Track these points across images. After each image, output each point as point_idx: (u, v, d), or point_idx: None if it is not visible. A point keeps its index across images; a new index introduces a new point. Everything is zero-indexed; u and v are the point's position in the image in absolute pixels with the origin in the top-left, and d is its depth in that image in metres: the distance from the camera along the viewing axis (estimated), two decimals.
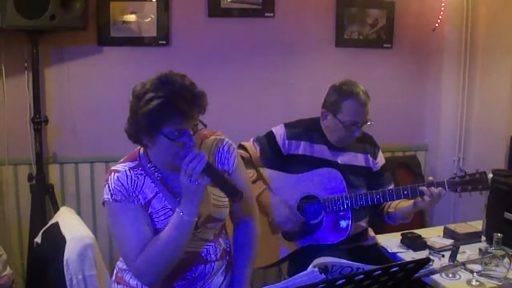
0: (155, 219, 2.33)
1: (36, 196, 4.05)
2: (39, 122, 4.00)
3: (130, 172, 2.34)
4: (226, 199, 2.45)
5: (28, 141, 4.12)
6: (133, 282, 2.43)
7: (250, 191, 2.65)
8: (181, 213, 2.20)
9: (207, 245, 2.45)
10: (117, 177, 2.32)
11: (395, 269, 1.75)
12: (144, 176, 2.35)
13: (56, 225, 3.11)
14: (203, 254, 2.43)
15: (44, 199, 4.06)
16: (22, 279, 4.21)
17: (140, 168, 2.37)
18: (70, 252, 2.82)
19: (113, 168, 2.38)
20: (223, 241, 2.56)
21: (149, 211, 2.33)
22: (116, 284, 2.52)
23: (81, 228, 3.05)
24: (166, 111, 2.14)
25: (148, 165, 2.38)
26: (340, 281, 1.62)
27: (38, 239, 3.24)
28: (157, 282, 2.30)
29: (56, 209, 3.90)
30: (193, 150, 2.17)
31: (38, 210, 4.03)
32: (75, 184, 4.40)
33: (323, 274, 1.67)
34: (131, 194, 2.31)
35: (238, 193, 2.25)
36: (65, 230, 3.00)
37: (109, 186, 2.31)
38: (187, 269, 2.39)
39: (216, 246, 2.48)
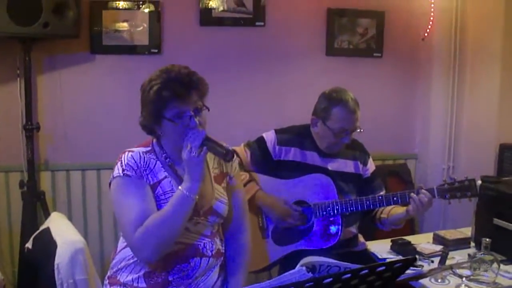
0: (162, 201, 2.40)
1: (28, 203, 4.05)
2: (31, 129, 4.01)
3: (143, 154, 2.44)
4: (225, 195, 2.57)
5: (20, 148, 4.13)
6: (128, 281, 2.44)
7: (245, 199, 2.76)
8: (183, 189, 2.29)
9: (204, 240, 2.49)
10: (131, 155, 2.42)
11: (382, 268, 1.77)
12: (156, 161, 2.45)
13: (47, 230, 3.11)
14: (200, 247, 2.46)
15: (35, 206, 4.07)
16: (13, 286, 4.20)
17: (153, 153, 2.47)
18: (61, 257, 2.80)
19: (127, 150, 2.47)
20: (219, 241, 2.59)
21: (156, 192, 2.41)
22: (109, 286, 2.52)
23: (72, 233, 3.04)
24: (163, 95, 2.30)
25: (160, 151, 2.47)
26: (328, 280, 1.63)
27: (29, 245, 3.23)
28: (153, 257, 2.33)
29: (47, 216, 3.88)
30: (194, 129, 2.32)
31: (29, 217, 4.02)
32: (67, 191, 4.40)
33: (310, 273, 1.68)
34: (142, 171, 2.40)
35: (229, 152, 2.37)
36: (56, 235, 2.99)
37: (121, 163, 2.40)
38: (184, 260, 2.42)
39: (212, 242, 2.52)
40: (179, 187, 2.32)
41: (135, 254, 2.39)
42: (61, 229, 3.13)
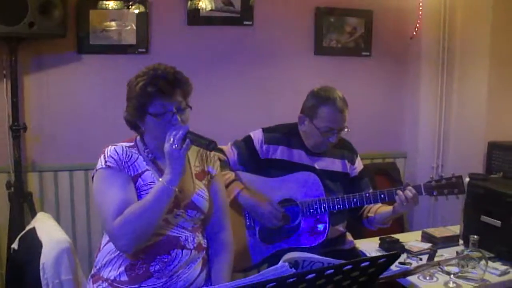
0: (142, 192, 2.46)
1: (15, 204, 4.02)
2: (17, 129, 3.99)
3: (125, 148, 2.52)
4: (206, 192, 2.61)
5: (6, 149, 4.10)
6: (111, 275, 2.46)
7: (227, 201, 2.82)
8: (164, 181, 2.33)
9: (185, 233, 2.52)
10: (114, 148, 2.50)
11: (365, 264, 1.76)
12: (138, 155, 2.52)
13: (33, 230, 3.08)
14: (181, 239, 2.49)
15: (22, 208, 4.04)
16: None
17: (135, 148, 2.55)
18: (46, 257, 2.78)
19: (110, 144, 2.54)
20: (200, 235, 2.61)
21: (137, 184, 2.46)
22: (92, 284, 2.53)
23: (57, 233, 3.01)
24: (148, 91, 2.37)
25: (143, 147, 2.54)
26: (311, 276, 1.62)
27: (15, 245, 3.20)
28: (130, 247, 2.36)
29: (34, 217, 3.87)
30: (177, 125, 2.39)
31: (17, 218, 4.00)
32: (54, 192, 4.38)
33: (293, 268, 1.67)
34: (123, 163, 2.46)
35: (212, 142, 2.38)
36: (41, 234, 2.97)
37: (104, 156, 2.47)
38: (165, 251, 2.44)
39: (193, 236, 2.55)
40: (160, 179, 2.37)
41: (114, 243, 2.41)
42: (47, 228, 3.10)
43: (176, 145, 2.31)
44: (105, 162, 2.44)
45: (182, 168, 2.34)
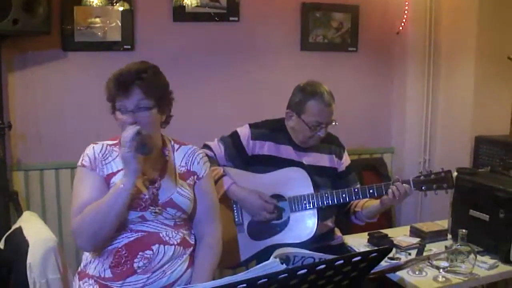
0: None
1: (0, 204, 3.97)
2: (2, 128, 3.94)
3: (107, 147, 2.54)
4: (190, 191, 2.60)
5: None
6: (96, 272, 2.48)
7: (215, 202, 2.78)
8: (120, 183, 2.35)
9: (166, 229, 2.52)
10: (93, 147, 2.53)
11: (357, 259, 1.75)
12: (117, 154, 2.52)
13: (19, 230, 3.07)
14: (161, 235, 2.49)
15: (8, 207, 4.00)
16: None
17: (117, 146, 2.55)
18: (33, 256, 2.78)
19: (95, 142, 2.58)
20: (186, 232, 2.62)
21: (110, 183, 2.47)
22: (78, 281, 2.54)
23: (44, 232, 3.01)
24: (111, 88, 2.43)
25: None
26: (302, 271, 1.60)
27: (1, 245, 3.19)
28: (88, 246, 2.44)
29: (20, 216, 3.83)
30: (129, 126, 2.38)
31: (2, 218, 3.95)
32: (40, 191, 4.33)
33: (284, 264, 1.66)
34: (97, 163, 2.48)
35: (144, 146, 2.34)
36: (28, 234, 2.97)
37: (84, 153, 2.52)
38: (145, 247, 2.45)
39: (176, 232, 2.55)
40: (118, 181, 2.39)
41: (75, 240, 2.45)
42: (33, 228, 3.10)
43: (125, 148, 2.31)
44: (82, 160, 2.50)
45: (134, 170, 2.34)
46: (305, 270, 1.61)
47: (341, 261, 1.70)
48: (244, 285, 1.51)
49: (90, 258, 2.52)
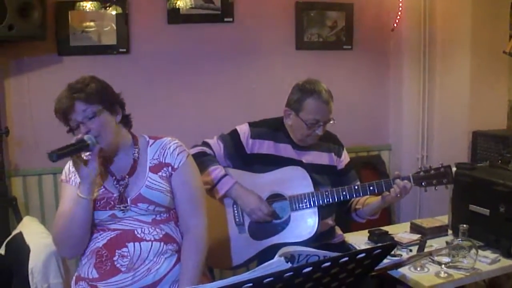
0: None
1: None
2: None
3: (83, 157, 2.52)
4: (163, 183, 2.59)
5: None
6: (84, 273, 2.53)
7: (196, 193, 2.72)
8: (77, 192, 2.43)
9: (142, 226, 2.53)
10: (69, 161, 2.58)
11: (361, 255, 1.75)
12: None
13: (20, 235, 3.06)
14: (135, 232, 2.51)
15: (7, 213, 3.99)
16: None
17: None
18: (34, 261, 2.77)
19: None
20: (167, 228, 2.60)
21: None
22: (74, 285, 2.58)
23: (45, 236, 2.99)
24: (60, 117, 2.53)
25: None
26: (307, 269, 1.60)
27: (1, 251, 3.18)
28: (69, 253, 2.61)
29: (19, 221, 3.78)
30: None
31: (1, 224, 3.94)
32: (39, 196, 4.33)
33: (289, 263, 1.66)
34: (72, 176, 2.58)
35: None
36: (29, 239, 2.95)
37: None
38: (121, 245, 2.48)
39: (154, 228, 2.55)
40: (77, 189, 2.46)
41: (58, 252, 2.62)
42: (34, 233, 3.08)
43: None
44: (62, 175, 2.64)
45: (84, 177, 2.41)
46: (310, 268, 1.61)
47: (346, 258, 1.69)
48: (250, 284, 1.51)
49: (81, 261, 2.57)
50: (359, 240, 3.44)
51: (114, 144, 2.55)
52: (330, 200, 3.07)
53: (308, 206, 3.08)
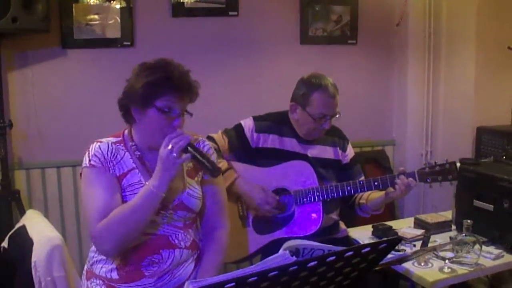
0: (128, 193, 2.39)
1: (2, 203, 3.97)
2: (3, 127, 3.93)
3: (112, 145, 2.43)
4: (199, 190, 2.52)
5: None
6: (102, 272, 2.43)
7: (225, 196, 2.70)
8: (151, 185, 2.26)
9: (177, 231, 2.46)
10: (99, 146, 2.41)
11: (366, 249, 1.74)
12: (124, 152, 2.45)
13: (23, 228, 3.05)
14: (171, 239, 2.43)
15: (10, 205, 4.00)
16: None
17: (122, 144, 2.46)
18: (38, 254, 2.75)
19: (96, 140, 2.46)
20: (193, 232, 2.56)
21: (122, 183, 2.40)
22: (86, 281, 2.51)
23: (48, 230, 2.98)
24: (163, 85, 2.30)
25: (130, 143, 2.46)
26: (312, 263, 1.60)
27: (4, 244, 3.17)
28: (113, 251, 2.35)
29: (23, 215, 3.78)
30: (178, 130, 2.32)
31: (4, 217, 3.95)
32: (42, 189, 4.33)
33: (294, 256, 1.65)
34: (108, 162, 2.39)
35: (217, 169, 2.36)
36: (32, 232, 2.94)
37: (89, 153, 2.40)
38: (155, 251, 2.39)
39: (185, 234, 2.49)
40: (147, 183, 2.32)
41: (96, 246, 2.40)
42: (37, 226, 3.07)
43: (175, 154, 2.23)
44: (89, 160, 2.37)
45: (171, 177, 2.28)
46: (315, 262, 1.61)
47: (351, 252, 1.69)
48: (255, 277, 1.50)
49: (96, 257, 2.48)
50: (362, 235, 3.43)
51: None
52: (335, 195, 3.07)
53: (312, 200, 3.07)
